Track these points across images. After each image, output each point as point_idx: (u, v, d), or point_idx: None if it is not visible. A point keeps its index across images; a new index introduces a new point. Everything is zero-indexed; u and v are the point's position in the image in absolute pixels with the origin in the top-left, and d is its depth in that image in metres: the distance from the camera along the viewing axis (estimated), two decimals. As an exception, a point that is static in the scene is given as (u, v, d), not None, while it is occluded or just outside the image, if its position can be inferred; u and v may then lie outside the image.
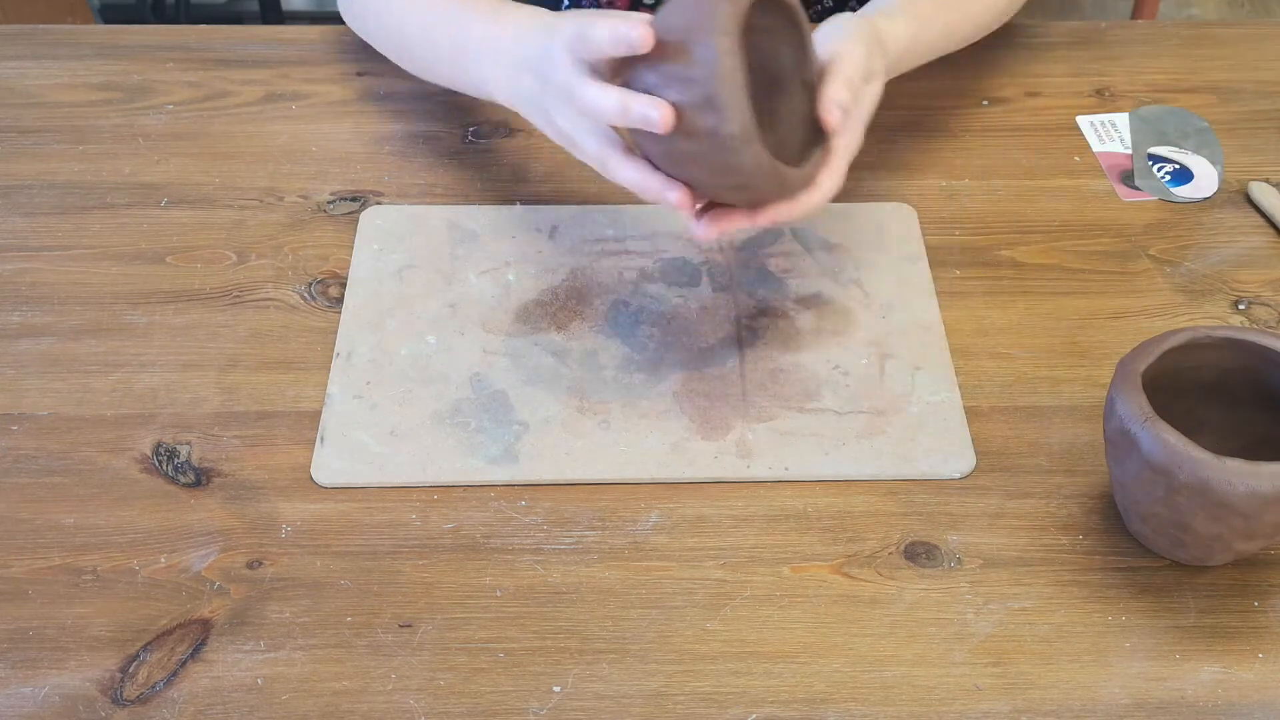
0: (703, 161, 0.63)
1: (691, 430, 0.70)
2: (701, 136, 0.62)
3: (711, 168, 0.64)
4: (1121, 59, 0.97)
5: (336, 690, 0.59)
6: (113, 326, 0.76)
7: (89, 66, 0.96)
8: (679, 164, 0.65)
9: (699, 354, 0.74)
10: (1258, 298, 0.78)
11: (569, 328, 0.75)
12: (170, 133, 0.90)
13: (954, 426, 0.70)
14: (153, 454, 0.69)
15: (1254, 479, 0.56)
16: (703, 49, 0.61)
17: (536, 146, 0.89)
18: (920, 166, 0.87)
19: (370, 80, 0.95)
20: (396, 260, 0.80)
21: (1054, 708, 0.59)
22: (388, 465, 0.68)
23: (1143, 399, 0.59)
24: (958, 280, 0.79)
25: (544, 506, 0.67)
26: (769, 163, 0.63)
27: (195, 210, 0.84)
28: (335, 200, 0.85)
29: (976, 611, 0.62)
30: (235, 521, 0.66)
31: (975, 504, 0.67)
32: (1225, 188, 0.86)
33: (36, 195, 0.85)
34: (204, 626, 0.62)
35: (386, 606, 0.63)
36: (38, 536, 0.66)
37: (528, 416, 0.71)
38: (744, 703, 0.59)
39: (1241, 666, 0.60)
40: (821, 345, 0.75)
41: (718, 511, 0.67)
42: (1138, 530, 0.64)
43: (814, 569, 0.64)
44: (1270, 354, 0.62)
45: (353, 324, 0.76)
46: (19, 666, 0.60)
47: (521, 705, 0.59)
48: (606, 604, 0.63)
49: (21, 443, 0.70)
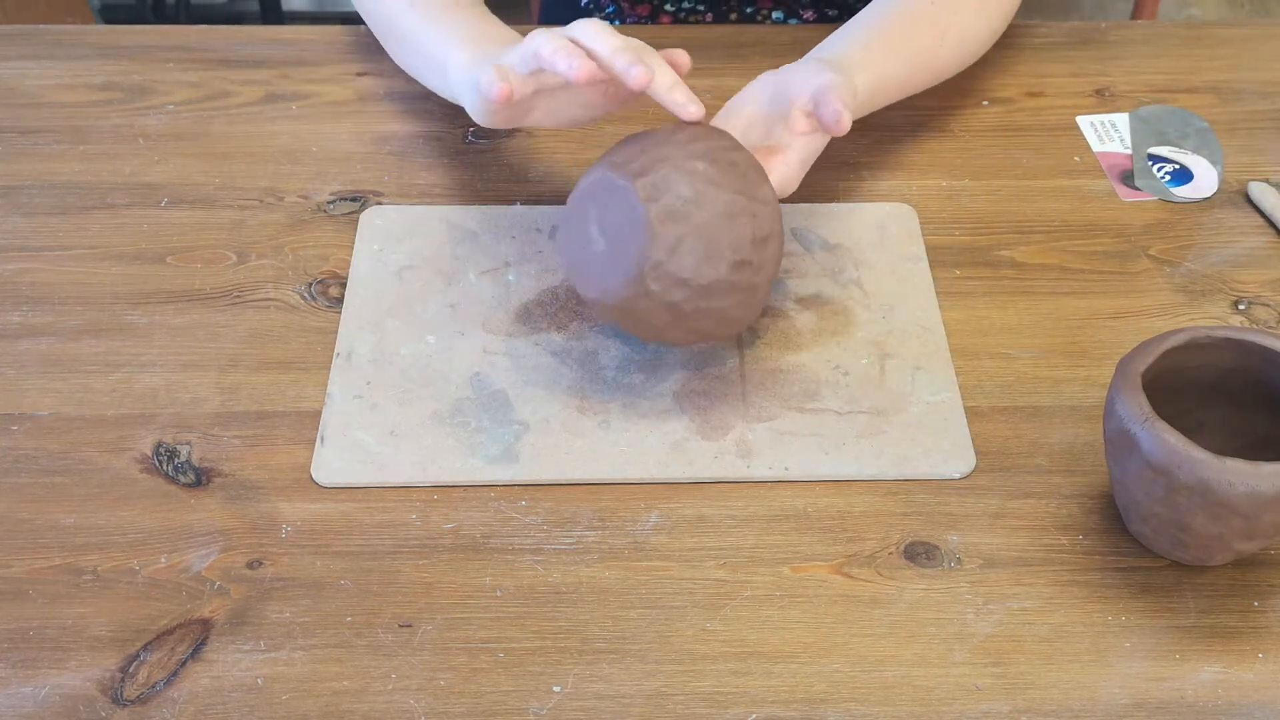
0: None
1: (691, 430, 0.70)
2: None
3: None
4: (1121, 59, 0.97)
5: (336, 690, 0.59)
6: (113, 326, 0.76)
7: (89, 66, 0.96)
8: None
9: (699, 354, 0.74)
10: (1258, 298, 0.78)
11: (569, 328, 0.75)
12: (170, 133, 0.90)
13: (954, 426, 0.70)
14: (153, 454, 0.69)
15: (1254, 479, 0.56)
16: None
17: (536, 146, 0.89)
18: (920, 166, 0.87)
19: (370, 80, 0.95)
20: (396, 260, 0.80)
21: (1054, 708, 0.59)
22: (388, 465, 0.68)
23: (1143, 399, 0.59)
24: (958, 280, 0.79)
25: (544, 506, 0.67)
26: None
27: (195, 210, 0.84)
28: (335, 200, 0.85)
29: (976, 611, 0.62)
30: (235, 521, 0.66)
31: (975, 504, 0.67)
32: (1225, 188, 0.86)
33: (36, 195, 0.85)
34: (204, 626, 0.62)
35: (386, 606, 0.63)
36: (38, 536, 0.66)
37: (528, 416, 0.71)
38: (744, 703, 0.59)
39: (1241, 666, 0.60)
40: (821, 345, 0.75)
41: (718, 511, 0.67)
42: (1138, 530, 0.64)
43: (814, 569, 0.64)
44: (1270, 354, 0.62)
45: (353, 324, 0.76)
46: (19, 666, 0.60)
47: (521, 705, 0.59)
48: (606, 604, 0.63)
49: (21, 443, 0.70)
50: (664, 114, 0.69)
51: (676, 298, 0.65)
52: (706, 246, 0.64)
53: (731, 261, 0.64)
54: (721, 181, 0.65)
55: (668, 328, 0.67)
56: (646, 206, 0.64)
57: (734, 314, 0.67)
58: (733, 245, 0.64)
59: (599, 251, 0.67)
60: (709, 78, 0.96)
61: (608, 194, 0.66)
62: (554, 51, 0.65)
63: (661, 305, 0.65)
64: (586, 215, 0.68)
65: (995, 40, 0.90)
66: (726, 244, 0.64)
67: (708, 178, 0.64)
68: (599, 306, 0.68)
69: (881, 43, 0.81)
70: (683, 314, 0.65)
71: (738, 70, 0.95)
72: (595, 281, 0.67)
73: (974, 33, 0.87)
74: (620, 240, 0.65)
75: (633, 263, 0.64)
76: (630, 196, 0.64)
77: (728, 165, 0.65)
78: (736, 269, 0.65)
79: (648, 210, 0.64)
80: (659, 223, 0.64)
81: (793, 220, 0.82)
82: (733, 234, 0.64)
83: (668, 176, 0.64)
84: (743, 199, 0.65)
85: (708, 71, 0.96)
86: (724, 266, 0.64)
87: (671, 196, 0.64)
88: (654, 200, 0.64)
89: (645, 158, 0.65)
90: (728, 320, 0.67)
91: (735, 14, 1.09)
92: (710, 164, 0.65)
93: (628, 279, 0.65)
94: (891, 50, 0.81)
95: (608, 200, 0.66)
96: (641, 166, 0.65)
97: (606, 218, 0.66)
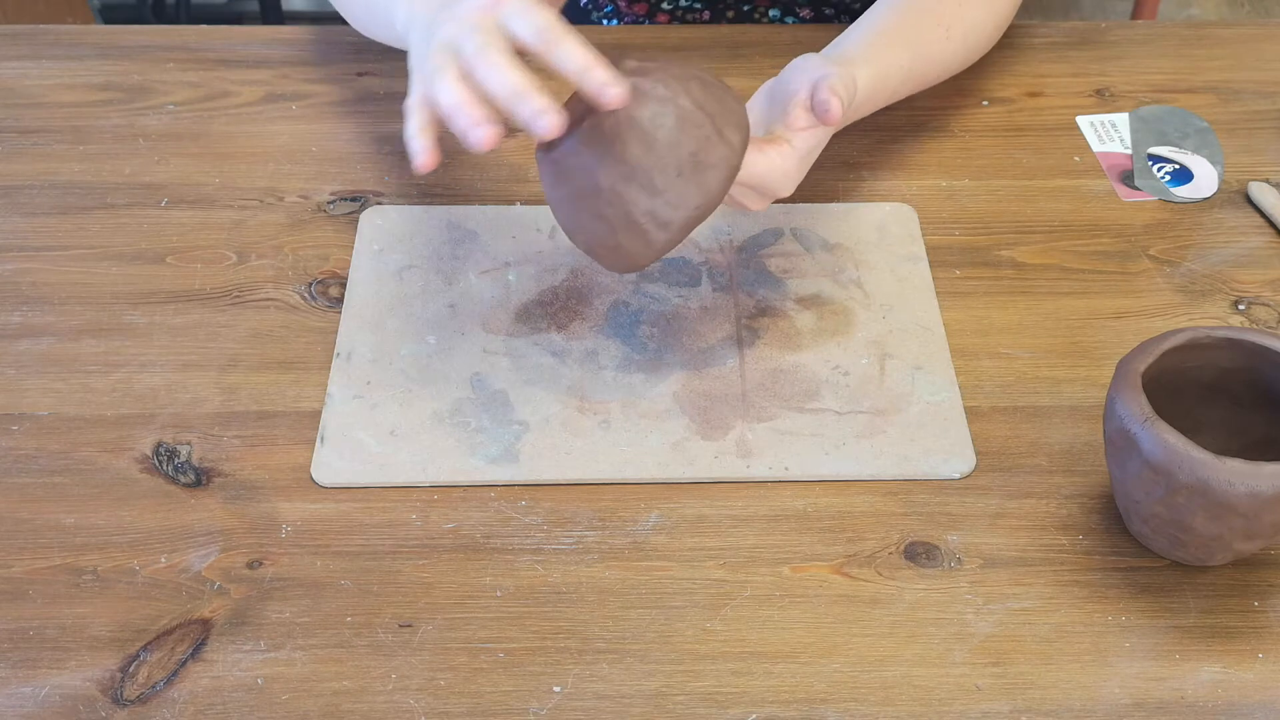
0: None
1: (691, 430, 0.70)
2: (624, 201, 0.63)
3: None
4: (1121, 59, 0.97)
5: (336, 690, 0.59)
6: (113, 326, 0.76)
7: (89, 66, 0.96)
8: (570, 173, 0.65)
9: (699, 354, 0.74)
10: (1258, 298, 0.78)
11: (569, 328, 0.76)
12: (170, 133, 0.90)
13: (954, 426, 0.70)
14: (153, 454, 0.69)
15: (1254, 479, 0.56)
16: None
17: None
18: (920, 166, 0.87)
19: (370, 80, 0.95)
20: (396, 261, 0.80)
21: (1054, 708, 0.59)
22: (388, 465, 0.68)
23: (1143, 399, 0.59)
24: (958, 280, 0.79)
25: (544, 506, 0.67)
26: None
27: (195, 210, 0.84)
28: (335, 200, 0.85)
29: (976, 611, 0.62)
30: (235, 521, 0.66)
31: (975, 504, 0.67)
32: (1225, 188, 0.86)
33: (36, 195, 0.85)
34: (204, 626, 0.62)
35: (386, 606, 0.63)
36: (38, 536, 0.66)
37: (528, 416, 0.71)
38: (744, 703, 0.59)
39: (1241, 666, 0.61)
40: (821, 345, 0.75)
41: (718, 511, 0.67)
42: (1138, 530, 0.64)
43: (814, 569, 0.64)
44: (1270, 354, 0.62)
45: (353, 324, 0.76)
46: (19, 666, 0.60)
47: (522, 705, 0.59)
48: (606, 604, 0.63)
49: (21, 443, 0.70)
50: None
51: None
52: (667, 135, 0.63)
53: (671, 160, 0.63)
54: (701, 97, 0.64)
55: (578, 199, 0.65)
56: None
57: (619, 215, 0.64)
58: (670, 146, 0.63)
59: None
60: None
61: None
62: (454, 109, 0.59)
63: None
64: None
65: (1001, 34, 0.90)
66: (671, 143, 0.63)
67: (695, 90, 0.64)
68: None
69: (885, 36, 0.80)
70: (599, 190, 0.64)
71: (738, 70, 0.96)
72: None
73: (980, 26, 0.87)
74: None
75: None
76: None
77: (716, 89, 0.65)
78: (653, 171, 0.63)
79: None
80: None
81: (793, 220, 0.82)
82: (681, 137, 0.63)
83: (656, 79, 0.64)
84: (709, 123, 0.64)
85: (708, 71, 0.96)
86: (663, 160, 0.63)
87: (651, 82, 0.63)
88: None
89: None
90: (613, 221, 0.65)
91: (732, 11, 1.08)
92: (701, 83, 0.65)
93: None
94: (896, 43, 0.81)
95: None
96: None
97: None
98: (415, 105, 0.62)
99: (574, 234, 0.67)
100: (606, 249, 0.66)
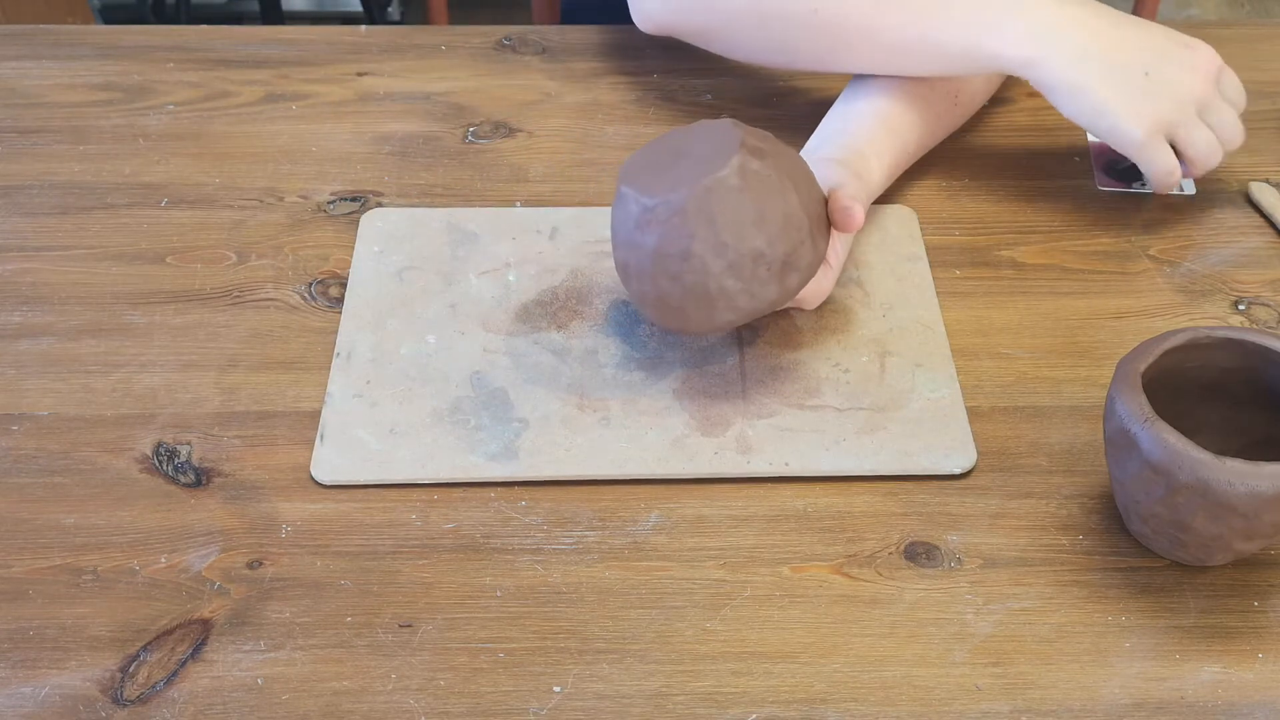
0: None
1: (691, 426, 0.70)
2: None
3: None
4: (1121, 59, 0.97)
5: (336, 690, 0.59)
6: (113, 326, 0.76)
7: (89, 66, 0.96)
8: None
9: (699, 352, 0.74)
10: (1258, 298, 0.78)
11: (569, 327, 0.76)
12: (170, 133, 0.90)
13: (955, 422, 0.70)
14: (153, 454, 0.69)
15: (1254, 479, 0.56)
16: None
17: (536, 147, 0.89)
18: (920, 166, 0.87)
19: (370, 80, 0.95)
20: (397, 262, 0.80)
21: (1054, 708, 0.59)
22: (388, 462, 0.68)
23: (1143, 399, 0.59)
24: (958, 280, 0.79)
25: (544, 506, 0.67)
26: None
27: (195, 210, 0.84)
28: (335, 200, 0.85)
29: (976, 611, 0.62)
30: (235, 521, 0.66)
31: (975, 504, 0.67)
32: (1225, 188, 0.86)
33: (36, 195, 0.85)
34: (204, 626, 0.62)
35: (386, 606, 0.63)
36: (38, 536, 0.66)
37: (528, 414, 0.71)
38: (744, 703, 0.59)
39: (1241, 666, 0.60)
40: (822, 343, 0.75)
41: (718, 511, 0.67)
42: (1138, 530, 0.64)
43: (814, 569, 0.64)
44: (1270, 354, 0.62)
45: (353, 324, 0.76)
46: (19, 666, 0.60)
47: (521, 705, 0.59)
48: (606, 604, 0.63)
49: (21, 443, 0.70)
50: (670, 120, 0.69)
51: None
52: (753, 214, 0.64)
53: (751, 241, 0.64)
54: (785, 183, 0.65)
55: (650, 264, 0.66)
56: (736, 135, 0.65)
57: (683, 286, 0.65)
58: (758, 221, 0.64)
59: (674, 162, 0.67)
60: (709, 77, 0.96)
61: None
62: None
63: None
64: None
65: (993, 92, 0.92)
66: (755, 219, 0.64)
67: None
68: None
69: (894, 120, 0.81)
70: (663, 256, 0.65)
71: (738, 70, 0.96)
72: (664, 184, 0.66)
73: (982, 89, 0.89)
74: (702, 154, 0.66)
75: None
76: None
77: (815, 188, 0.68)
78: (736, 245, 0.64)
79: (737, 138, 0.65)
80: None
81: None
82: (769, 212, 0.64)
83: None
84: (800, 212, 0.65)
85: (708, 71, 0.96)
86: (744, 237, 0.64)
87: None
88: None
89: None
90: (680, 286, 0.66)
91: None
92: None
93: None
94: (904, 123, 0.82)
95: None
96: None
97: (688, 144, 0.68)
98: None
99: (635, 278, 0.67)
100: (666, 307, 0.67)
